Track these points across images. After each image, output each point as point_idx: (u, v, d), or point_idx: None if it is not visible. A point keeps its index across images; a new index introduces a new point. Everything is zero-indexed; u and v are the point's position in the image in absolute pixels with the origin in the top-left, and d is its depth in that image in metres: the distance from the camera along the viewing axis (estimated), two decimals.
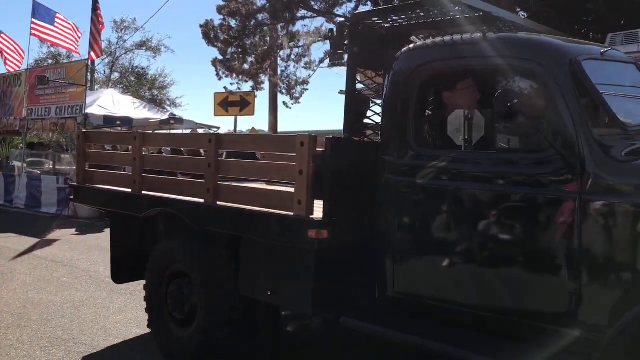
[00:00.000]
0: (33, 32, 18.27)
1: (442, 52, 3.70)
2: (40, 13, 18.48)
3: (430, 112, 4.02)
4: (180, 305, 4.64)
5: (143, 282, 7.21)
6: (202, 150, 4.59)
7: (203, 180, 4.34)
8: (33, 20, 18.49)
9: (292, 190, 3.73)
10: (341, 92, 11.33)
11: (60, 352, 4.91)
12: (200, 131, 20.32)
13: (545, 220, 3.19)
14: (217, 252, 4.45)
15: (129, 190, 5.02)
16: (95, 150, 5.97)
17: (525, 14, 13.31)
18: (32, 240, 10.32)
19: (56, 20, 18.39)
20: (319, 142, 3.72)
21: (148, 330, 5.48)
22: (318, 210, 3.63)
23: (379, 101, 4.44)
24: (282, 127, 19.95)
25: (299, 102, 17.63)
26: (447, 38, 3.68)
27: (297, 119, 67.78)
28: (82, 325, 5.63)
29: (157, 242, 5.09)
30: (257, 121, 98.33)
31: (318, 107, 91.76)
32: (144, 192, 4.89)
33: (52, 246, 9.91)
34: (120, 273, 5.74)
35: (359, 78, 4.47)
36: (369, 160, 3.86)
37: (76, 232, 12.02)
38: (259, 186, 4.57)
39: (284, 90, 17.53)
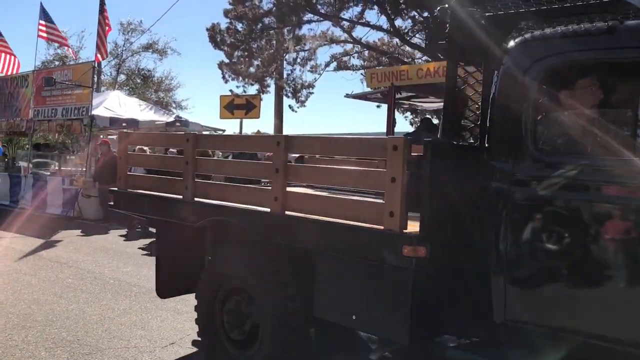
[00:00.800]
0: (40, 33, 18.38)
1: (566, 44, 3.17)
2: (46, 14, 18.60)
3: (553, 113, 3.44)
4: (239, 325, 4.25)
5: (150, 283, 7.25)
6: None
7: (268, 187, 3.97)
8: (40, 22, 18.61)
9: (378, 200, 3.34)
10: (347, 95, 11.35)
11: (64, 353, 4.92)
12: (206, 133, 20.40)
13: None
14: (283, 267, 4.02)
15: (180, 196, 4.57)
16: (138, 152, 5.73)
17: None
18: (38, 241, 10.34)
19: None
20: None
21: (152, 333, 5.50)
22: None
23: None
24: (287, 130, 19.99)
25: (304, 106, 17.71)
26: (574, 27, 3.18)
27: (302, 122, 67.74)
28: (87, 327, 5.63)
29: (211, 254, 4.80)
30: (262, 124, 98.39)
31: (323, 110, 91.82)
32: (197, 199, 4.46)
33: (57, 247, 9.93)
34: (167, 287, 5.27)
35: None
36: (470, 166, 3.43)
37: (81, 234, 12.04)
38: (331, 195, 4.17)
39: (289, 94, 17.59)
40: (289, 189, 3.94)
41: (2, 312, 6.05)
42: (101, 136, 18.09)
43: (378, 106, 16.48)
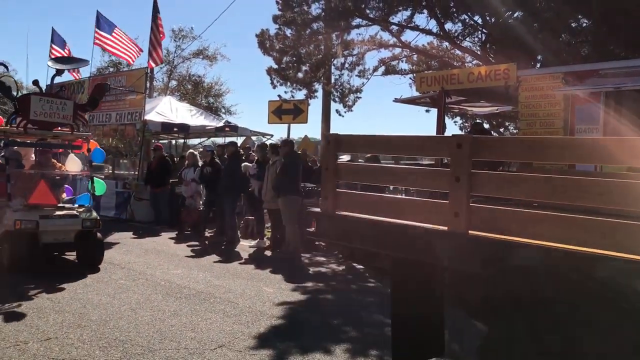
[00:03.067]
0: (96, 41, 18.98)
1: None
2: (102, 24, 19.18)
3: None
4: None
5: (199, 286, 7.33)
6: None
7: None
8: (96, 30, 19.22)
9: None
10: (396, 100, 11.24)
11: (118, 352, 5.02)
12: (254, 139, 20.61)
13: None
14: None
15: (444, 227, 3.22)
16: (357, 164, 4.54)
17: (587, 21, 12.92)
18: None
19: (114, 32, 19.06)
20: None
21: (202, 335, 5.55)
22: None
23: None
24: None
25: (351, 110, 17.65)
26: None
27: (349, 127, 67.65)
28: (139, 327, 5.74)
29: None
30: (309, 129, 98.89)
31: (371, 115, 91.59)
32: (473, 232, 3.10)
33: (110, 249, 10.18)
34: (408, 355, 3.80)
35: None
36: None
37: (133, 236, 12.32)
38: None
39: (337, 98, 17.56)
40: None
41: (59, 310, 6.24)
42: (153, 140, 18.51)
43: (427, 110, 16.29)
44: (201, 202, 13.28)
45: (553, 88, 8.32)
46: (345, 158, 24.21)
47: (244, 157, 13.26)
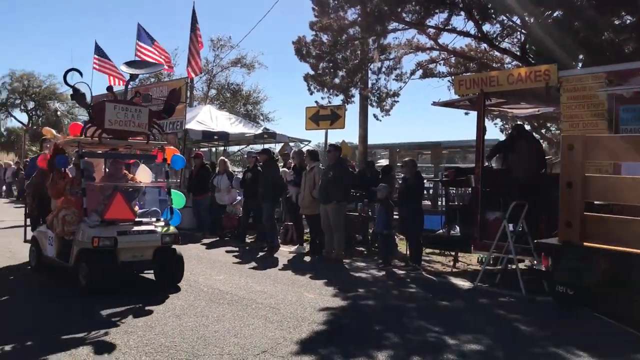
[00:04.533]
0: (137, 53, 19.41)
1: None
2: (143, 36, 19.64)
3: None
4: None
5: (241, 292, 7.42)
6: None
7: None
8: (137, 42, 19.68)
9: None
10: (434, 103, 11.15)
11: (163, 358, 5.12)
12: (292, 145, 20.73)
13: None
14: None
15: None
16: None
17: (631, 18, 12.57)
18: None
19: (154, 45, 19.48)
20: None
21: (245, 340, 5.61)
22: None
23: None
24: (371, 140, 19.93)
25: (389, 115, 17.55)
26: None
27: (386, 131, 67.38)
28: (183, 333, 5.83)
29: None
30: (347, 134, 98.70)
31: (409, 119, 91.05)
32: None
33: None
34: None
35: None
36: None
37: None
38: None
39: (374, 103, 17.51)
40: None
41: (106, 316, 6.40)
42: (194, 149, 18.82)
43: (466, 113, 16.07)
44: (241, 209, 13.44)
45: (596, 88, 8.13)
46: (383, 162, 24.02)
47: (283, 164, 13.38)
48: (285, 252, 11.37)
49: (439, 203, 14.89)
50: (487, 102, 9.72)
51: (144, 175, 9.31)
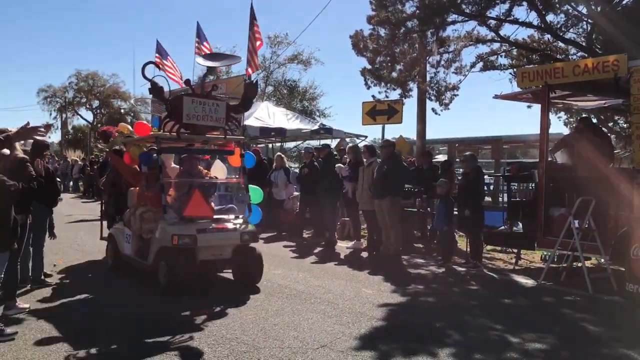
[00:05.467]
0: (197, 51, 19.79)
1: None
2: (202, 34, 19.99)
3: None
4: None
5: (300, 286, 7.44)
6: None
7: None
8: (197, 40, 20.05)
9: None
10: (496, 96, 10.87)
11: (225, 350, 5.20)
12: (348, 140, 20.70)
13: None
14: None
15: None
16: None
17: None
18: None
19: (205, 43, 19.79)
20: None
21: (304, 334, 5.63)
22: None
23: None
24: (430, 135, 19.58)
25: (448, 109, 17.16)
26: None
27: (445, 126, 66.39)
28: (244, 326, 5.91)
29: None
30: (404, 129, 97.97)
31: (468, 113, 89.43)
32: None
33: None
34: None
35: None
36: None
37: None
38: None
39: (433, 97, 17.18)
40: None
41: (169, 308, 6.56)
42: (252, 145, 19.06)
43: (529, 106, 15.59)
44: (297, 204, 13.51)
45: None
46: (441, 158, 23.72)
47: (339, 159, 13.37)
48: (342, 248, 11.36)
49: (500, 199, 14.55)
50: (551, 94, 9.38)
51: (218, 171, 9.12)
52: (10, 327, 5.57)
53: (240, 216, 7.94)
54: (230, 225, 7.62)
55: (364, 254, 10.81)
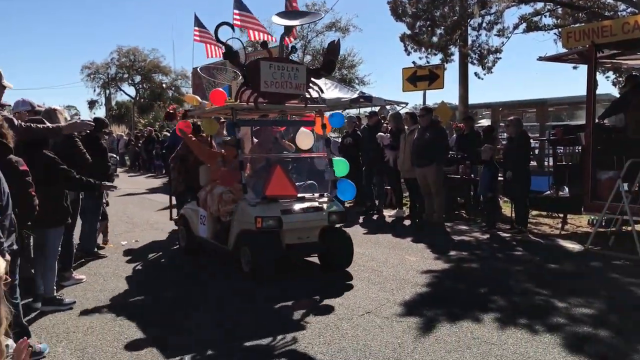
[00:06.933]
0: (235, 22, 19.81)
1: None
2: (242, 5, 19.96)
3: None
4: None
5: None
6: None
7: None
8: (234, 11, 20.05)
9: None
10: (540, 58, 10.57)
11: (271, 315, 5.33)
12: (388, 108, 20.51)
13: None
14: None
15: None
16: None
17: None
18: None
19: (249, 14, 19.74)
20: None
21: (349, 301, 5.72)
22: None
23: None
24: (472, 100, 19.22)
25: (491, 72, 16.79)
26: None
27: (488, 90, 64.91)
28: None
29: None
30: (446, 95, 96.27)
31: (512, 76, 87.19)
32: None
33: None
34: None
35: None
36: None
37: None
38: None
39: (475, 61, 16.83)
40: None
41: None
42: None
43: (575, 67, 15.14)
44: None
45: None
46: (484, 122, 23.21)
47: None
48: (385, 216, 11.39)
49: (546, 163, 14.25)
50: (598, 54, 9.08)
51: (304, 141, 8.12)
52: (68, 298, 5.85)
53: (326, 194, 7.18)
54: (316, 205, 6.89)
55: (407, 222, 10.82)
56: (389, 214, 11.57)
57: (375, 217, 11.36)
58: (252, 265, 6.45)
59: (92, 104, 56.60)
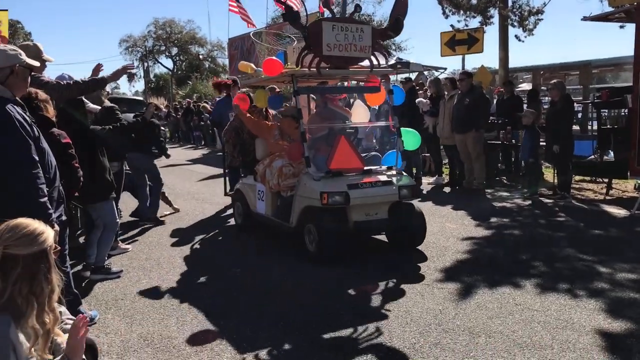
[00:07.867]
0: None
1: None
2: None
3: None
4: None
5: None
6: None
7: None
8: None
9: None
10: (584, 18, 10.20)
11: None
12: (426, 74, 20.19)
13: None
14: None
15: None
16: None
17: None
18: None
19: None
20: None
21: (389, 268, 5.74)
22: None
23: None
24: (513, 63, 18.70)
25: (532, 34, 16.29)
26: None
27: (529, 53, 63.00)
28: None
29: None
30: (486, 58, 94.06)
31: (554, 38, 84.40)
32: None
33: None
34: None
35: None
36: None
37: None
38: None
39: (515, 23, 16.33)
40: None
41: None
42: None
43: (621, 27, 14.54)
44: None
45: None
46: (525, 87, 22.66)
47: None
48: (424, 184, 11.32)
49: (590, 127, 13.88)
50: None
51: (360, 113, 7.69)
52: (115, 267, 6.04)
53: (394, 167, 6.62)
54: (384, 179, 6.31)
55: (446, 189, 10.73)
56: (428, 181, 11.48)
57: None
58: (319, 246, 5.97)
59: (131, 77, 57.39)
